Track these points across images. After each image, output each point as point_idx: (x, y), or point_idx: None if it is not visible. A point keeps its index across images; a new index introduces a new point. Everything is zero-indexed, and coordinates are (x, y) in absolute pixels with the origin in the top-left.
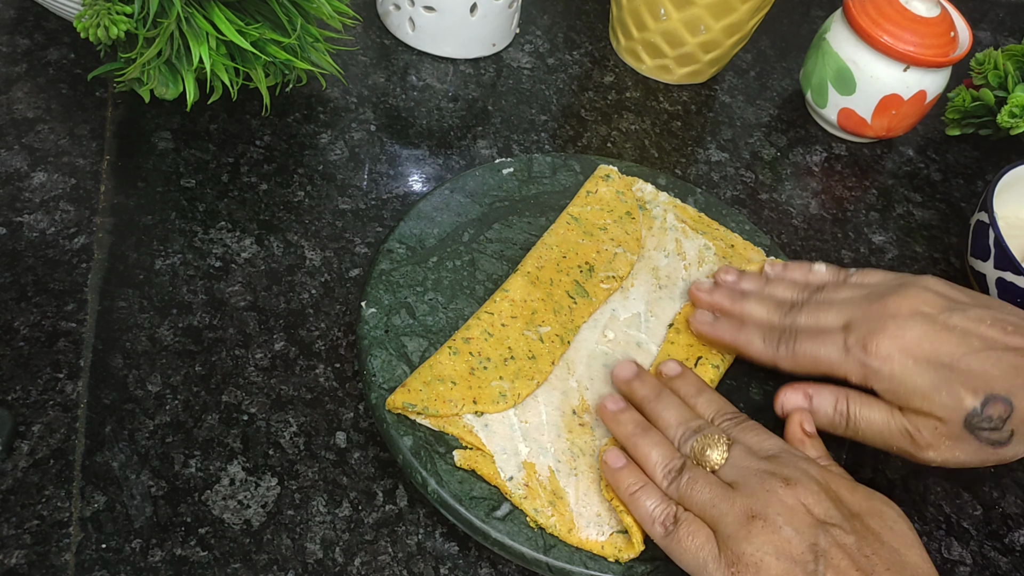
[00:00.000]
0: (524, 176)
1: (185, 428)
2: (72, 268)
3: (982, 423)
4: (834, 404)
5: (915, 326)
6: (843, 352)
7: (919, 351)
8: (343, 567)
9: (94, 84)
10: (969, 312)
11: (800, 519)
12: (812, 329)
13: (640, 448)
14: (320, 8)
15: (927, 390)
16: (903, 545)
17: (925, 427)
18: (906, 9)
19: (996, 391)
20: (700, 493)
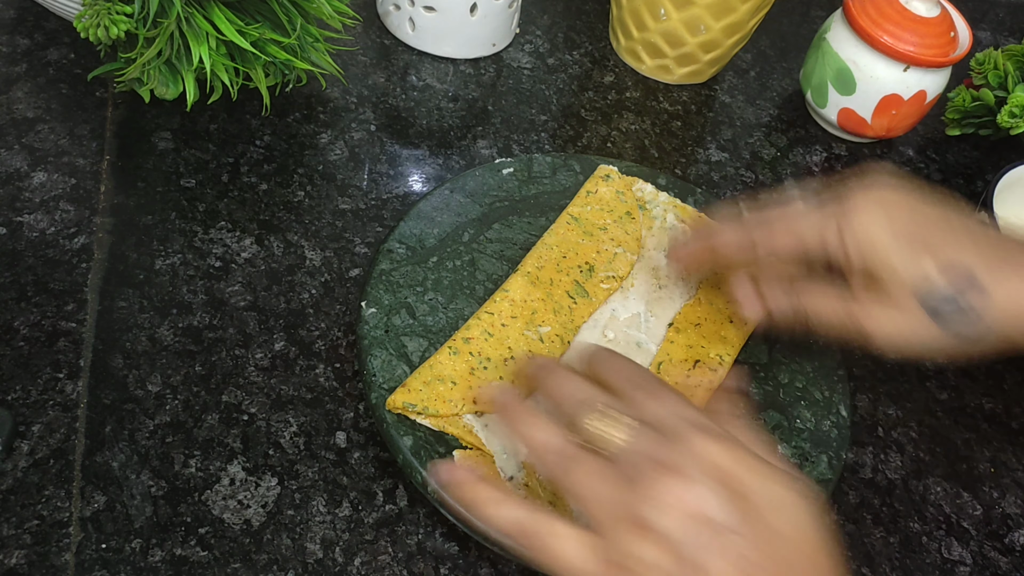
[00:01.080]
0: (524, 176)
1: (185, 428)
2: (72, 268)
3: (944, 305)
4: (786, 298)
5: (897, 194)
6: (820, 217)
7: (896, 215)
8: (343, 567)
9: (94, 84)
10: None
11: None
12: (785, 209)
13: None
14: (320, 8)
15: (893, 254)
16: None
17: (884, 322)
18: (906, 9)
19: (960, 262)
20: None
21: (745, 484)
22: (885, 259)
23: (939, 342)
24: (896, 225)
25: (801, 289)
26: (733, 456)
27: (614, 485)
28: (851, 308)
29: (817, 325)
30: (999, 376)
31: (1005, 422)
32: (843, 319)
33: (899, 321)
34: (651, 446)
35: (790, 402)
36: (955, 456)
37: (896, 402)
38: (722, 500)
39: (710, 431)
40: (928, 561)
